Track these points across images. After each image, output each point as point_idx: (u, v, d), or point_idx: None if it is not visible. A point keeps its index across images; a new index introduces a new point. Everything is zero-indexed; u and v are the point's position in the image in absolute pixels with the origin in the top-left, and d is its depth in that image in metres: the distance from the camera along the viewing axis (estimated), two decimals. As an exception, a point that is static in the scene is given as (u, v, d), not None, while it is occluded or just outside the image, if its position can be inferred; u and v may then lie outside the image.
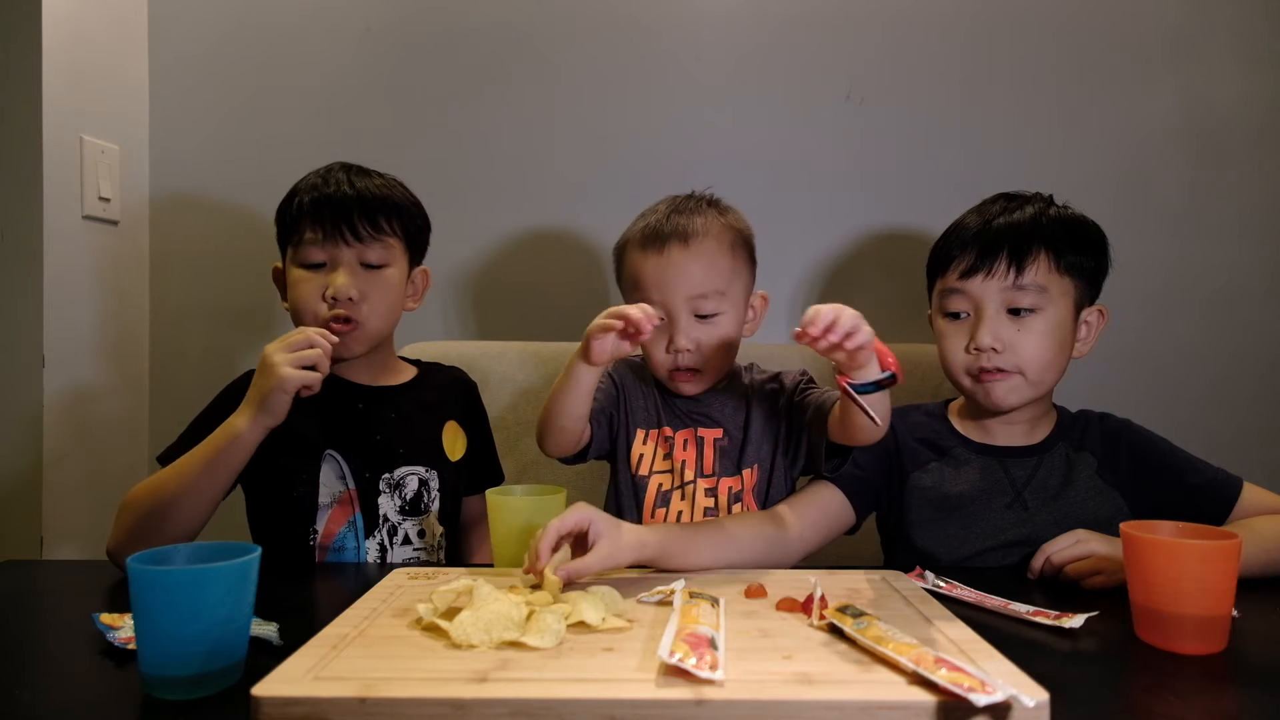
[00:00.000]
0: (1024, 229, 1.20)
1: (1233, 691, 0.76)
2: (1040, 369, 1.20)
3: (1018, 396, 1.21)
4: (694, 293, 1.21)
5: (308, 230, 1.21)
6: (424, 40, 1.80)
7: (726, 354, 1.25)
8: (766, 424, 1.27)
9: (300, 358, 1.06)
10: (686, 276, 1.20)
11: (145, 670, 0.71)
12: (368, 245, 1.22)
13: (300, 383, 1.06)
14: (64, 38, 1.56)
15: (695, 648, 0.69)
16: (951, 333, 1.24)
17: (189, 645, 0.71)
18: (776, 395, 1.28)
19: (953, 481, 1.24)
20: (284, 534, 1.22)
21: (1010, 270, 1.18)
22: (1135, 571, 0.86)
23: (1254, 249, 1.81)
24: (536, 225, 1.81)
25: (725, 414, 1.27)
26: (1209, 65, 1.80)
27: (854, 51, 1.80)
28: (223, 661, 0.72)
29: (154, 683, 0.71)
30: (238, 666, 0.74)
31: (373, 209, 1.23)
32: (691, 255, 1.21)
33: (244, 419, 1.08)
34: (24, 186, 1.52)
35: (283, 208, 1.27)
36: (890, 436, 1.29)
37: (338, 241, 1.21)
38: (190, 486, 1.09)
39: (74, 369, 1.60)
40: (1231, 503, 1.16)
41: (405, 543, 1.25)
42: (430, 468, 1.28)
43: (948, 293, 1.24)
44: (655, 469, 1.26)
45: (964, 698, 0.62)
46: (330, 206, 1.21)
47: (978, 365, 1.20)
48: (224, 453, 1.08)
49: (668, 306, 1.21)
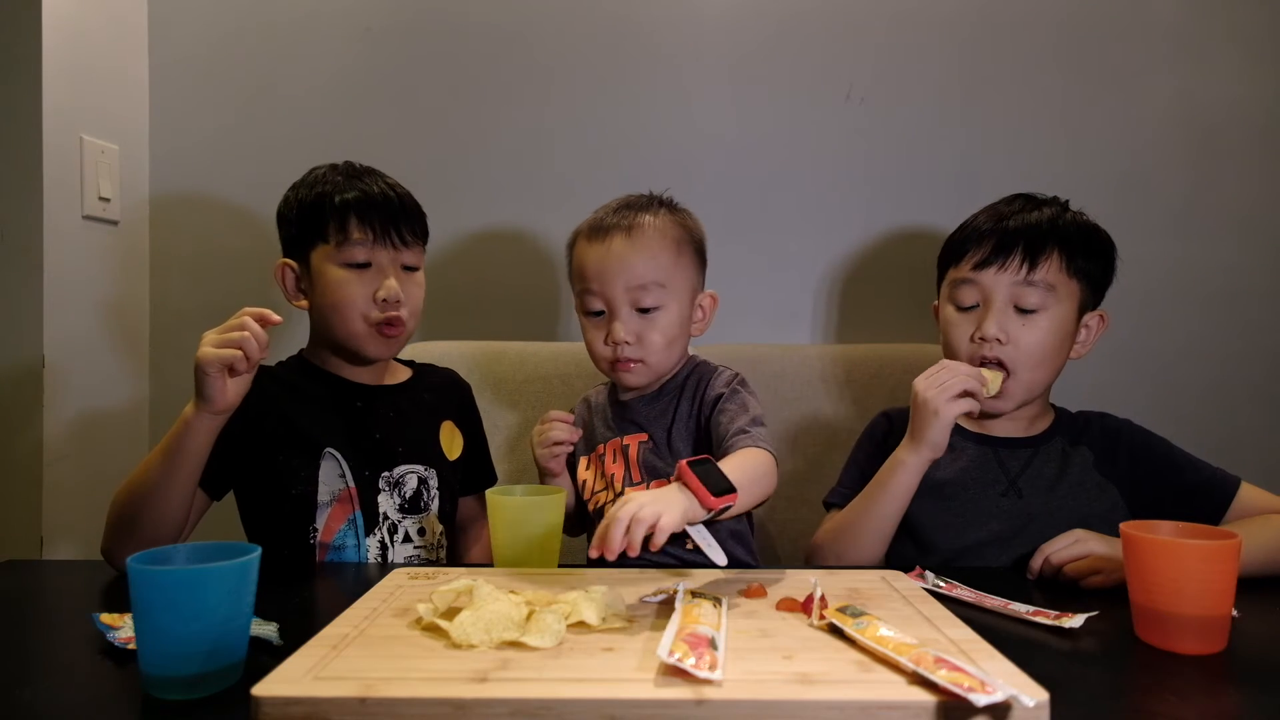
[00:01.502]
0: (1040, 228, 1.23)
1: (1233, 691, 0.76)
2: (1033, 366, 1.22)
3: (1003, 404, 1.24)
4: (633, 283, 1.21)
5: (355, 230, 1.22)
6: (424, 40, 1.80)
7: (669, 349, 1.24)
8: (686, 425, 1.25)
9: (226, 339, 1.04)
10: (626, 266, 1.21)
11: (145, 670, 0.71)
12: (409, 249, 1.26)
13: (218, 361, 1.02)
14: (64, 38, 1.56)
15: (695, 648, 0.69)
16: (959, 322, 1.26)
17: (189, 645, 0.71)
18: (699, 397, 1.25)
19: (946, 468, 1.25)
20: (284, 533, 1.21)
21: (1023, 266, 1.21)
22: (1135, 571, 0.86)
23: (1254, 249, 1.81)
24: (536, 225, 1.81)
25: (651, 416, 1.27)
26: (1209, 65, 1.80)
27: (854, 51, 1.80)
28: (223, 661, 0.72)
29: (154, 682, 0.71)
30: (238, 666, 0.74)
31: (411, 214, 1.27)
32: (633, 246, 1.22)
33: (191, 404, 1.08)
34: (24, 186, 1.52)
35: (310, 204, 1.25)
36: (891, 432, 1.30)
37: (385, 244, 1.23)
38: (154, 479, 1.09)
39: (74, 369, 1.60)
40: (1228, 501, 1.17)
41: (406, 540, 1.25)
42: (429, 466, 1.29)
43: (959, 283, 1.26)
44: (595, 489, 1.27)
45: (964, 698, 0.62)
46: (378, 209, 1.23)
47: (979, 354, 1.23)
48: (177, 439, 1.08)
49: (607, 297, 1.23)
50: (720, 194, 1.79)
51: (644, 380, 1.26)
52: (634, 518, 0.88)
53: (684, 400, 1.26)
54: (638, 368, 1.24)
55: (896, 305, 1.78)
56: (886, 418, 1.34)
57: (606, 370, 1.28)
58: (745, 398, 1.21)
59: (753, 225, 1.80)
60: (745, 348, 1.67)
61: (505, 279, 1.81)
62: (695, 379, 1.27)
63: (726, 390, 1.22)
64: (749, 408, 1.19)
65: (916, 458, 1.16)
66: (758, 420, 1.17)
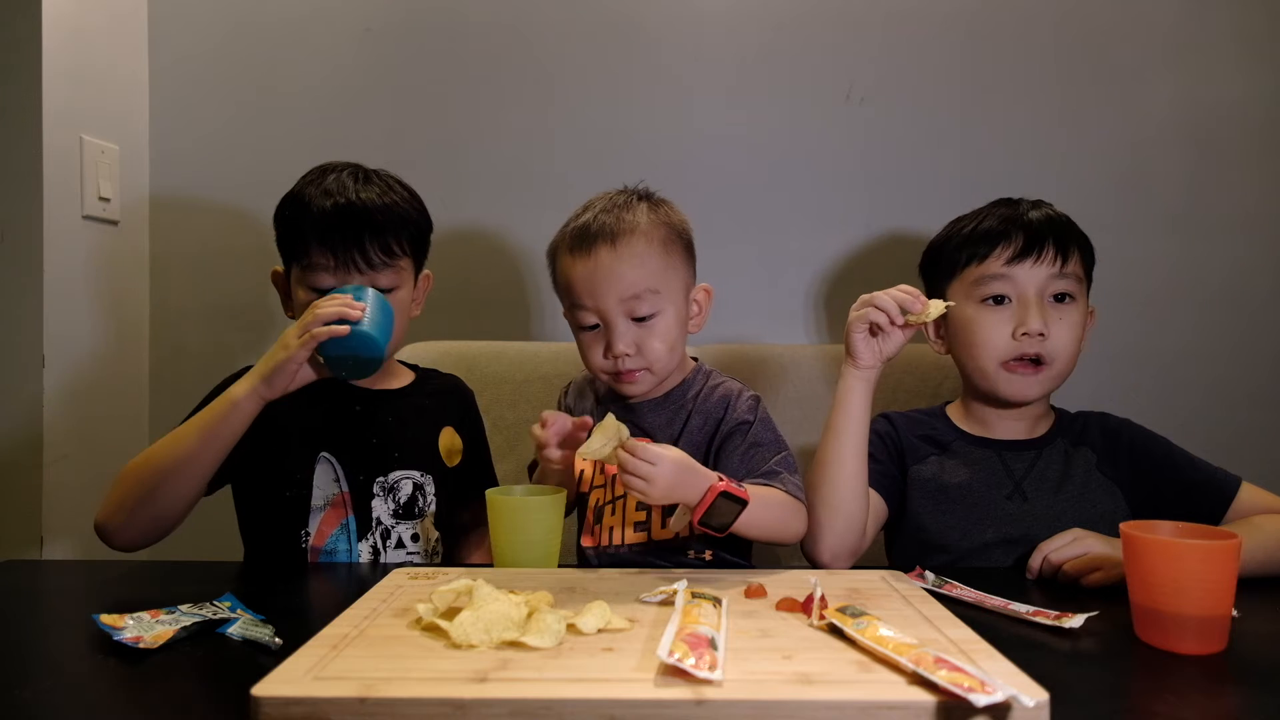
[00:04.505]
0: (1058, 223, 1.25)
1: (1233, 691, 0.76)
2: (1067, 359, 1.24)
3: (1041, 388, 1.24)
4: (626, 294, 1.16)
5: (317, 255, 1.18)
6: (424, 40, 1.80)
7: (671, 353, 1.20)
8: (695, 440, 1.21)
9: (322, 315, 1.07)
10: (616, 279, 1.15)
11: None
12: (381, 271, 1.21)
13: (313, 342, 1.07)
14: (64, 38, 1.56)
15: (694, 648, 0.69)
16: (989, 320, 1.24)
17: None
18: (716, 417, 1.21)
19: (952, 473, 1.25)
20: (276, 536, 1.21)
21: (1057, 258, 1.22)
22: (1135, 571, 0.86)
23: (1254, 249, 1.81)
24: (537, 225, 1.80)
25: (658, 424, 1.22)
26: (1209, 65, 1.80)
27: (854, 51, 1.80)
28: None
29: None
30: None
31: (383, 230, 1.20)
32: (619, 256, 1.16)
33: (244, 387, 1.09)
34: (24, 186, 1.52)
35: (286, 215, 1.23)
36: (893, 432, 1.30)
37: (349, 269, 1.19)
38: (185, 454, 1.09)
39: (74, 369, 1.60)
40: (1229, 501, 1.17)
41: (399, 546, 1.24)
42: (425, 472, 1.27)
43: (989, 279, 1.24)
44: (594, 484, 1.24)
45: (964, 698, 0.62)
46: (341, 230, 1.17)
47: (1018, 351, 1.22)
48: (221, 420, 1.09)
49: (601, 312, 1.17)
50: (720, 194, 1.79)
51: (649, 386, 1.22)
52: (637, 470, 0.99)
53: (695, 415, 1.22)
54: (642, 375, 1.20)
55: (896, 305, 1.78)
56: (886, 419, 1.34)
57: (609, 382, 1.24)
58: (774, 429, 1.20)
59: (752, 225, 1.80)
60: (745, 348, 1.67)
61: (504, 278, 1.81)
62: (709, 395, 1.23)
63: (752, 418, 1.19)
64: (779, 444, 1.18)
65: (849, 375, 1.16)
66: (789, 460, 1.16)
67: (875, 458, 1.24)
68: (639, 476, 0.99)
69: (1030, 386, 1.23)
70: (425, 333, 1.74)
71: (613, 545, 1.19)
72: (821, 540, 1.13)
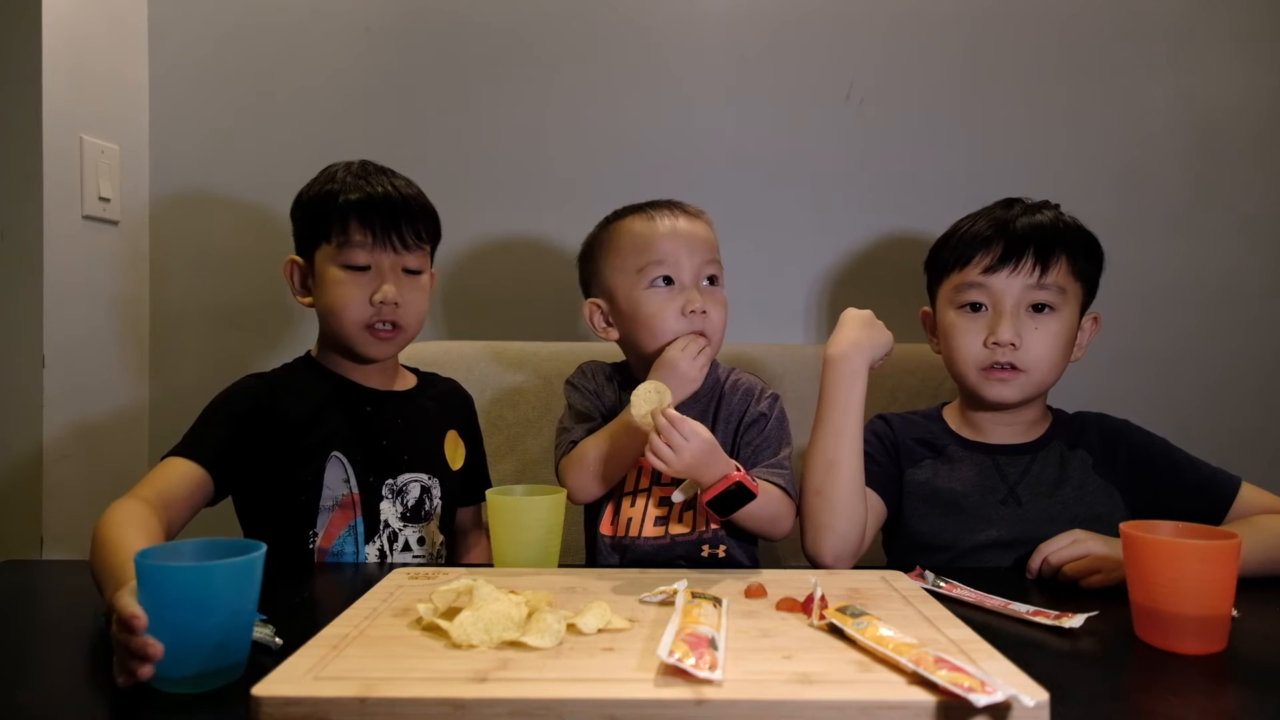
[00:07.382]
0: (1047, 230, 1.23)
1: (1233, 691, 0.76)
2: (1046, 369, 1.23)
3: (1019, 393, 1.23)
4: (705, 256, 1.22)
5: (355, 232, 1.21)
6: (424, 40, 1.80)
7: (723, 330, 1.24)
8: (725, 431, 1.23)
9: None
10: (696, 239, 1.22)
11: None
12: (411, 252, 1.24)
13: None
14: (64, 38, 1.56)
15: (695, 648, 0.69)
16: (966, 327, 1.25)
17: (196, 640, 0.71)
18: (740, 407, 1.25)
19: (946, 477, 1.25)
20: (282, 536, 1.20)
21: (1035, 269, 1.21)
22: (1135, 571, 0.86)
23: (1254, 249, 1.81)
24: (536, 225, 1.81)
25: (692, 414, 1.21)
26: (1209, 65, 1.80)
27: (854, 52, 1.80)
28: (229, 659, 0.73)
29: (160, 678, 0.71)
30: (241, 664, 0.74)
31: (415, 216, 1.25)
32: (695, 223, 1.24)
33: (108, 594, 0.84)
34: (24, 186, 1.51)
35: (316, 203, 1.24)
36: (890, 434, 1.30)
37: (385, 247, 1.22)
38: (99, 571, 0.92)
39: (74, 369, 1.60)
40: (1229, 501, 1.17)
41: (405, 549, 1.24)
42: (432, 475, 1.28)
43: (967, 287, 1.24)
44: None
45: (964, 698, 0.62)
46: (379, 211, 1.21)
47: (991, 360, 1.22)
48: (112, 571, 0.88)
49: (679, 268, 1.20)
50: (720, 194, 1.78)
51: (707, 361, 1.20)
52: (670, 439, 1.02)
53: (724, 405, 1.24)
54: (707, 349, 1.20)
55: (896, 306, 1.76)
56: (884, 420, 1.34)
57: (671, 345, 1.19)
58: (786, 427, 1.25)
59: (753, 225, 1.80)
60: (745, 348, 1.67)
61: (504, 278, 1.81)
62: (734, 388, 1.26)
63: (770, 413, 1.24)
64: (784, 439, 1.23)
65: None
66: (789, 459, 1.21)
67: (874, 458, 1.25)
68: (669, 445, 1.01)
69: (1008, 390, 1.22)
70: (425, 332, 1.73)
71: (629, 536, 1.20)
72: (824, 542, 1.13)
